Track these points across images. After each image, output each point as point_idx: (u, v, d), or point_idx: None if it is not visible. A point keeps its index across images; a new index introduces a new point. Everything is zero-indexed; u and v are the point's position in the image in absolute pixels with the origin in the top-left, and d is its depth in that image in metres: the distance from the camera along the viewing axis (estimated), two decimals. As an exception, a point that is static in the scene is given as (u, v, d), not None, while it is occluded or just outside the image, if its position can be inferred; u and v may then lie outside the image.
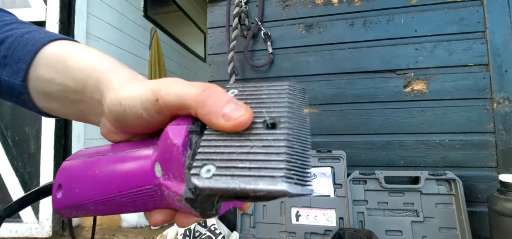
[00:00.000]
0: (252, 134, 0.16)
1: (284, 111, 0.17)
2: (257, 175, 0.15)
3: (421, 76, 1.08)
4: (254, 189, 0.14)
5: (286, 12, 1.23)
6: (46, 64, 0.24)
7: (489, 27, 1.03)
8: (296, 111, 0.18)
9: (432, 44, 1.08)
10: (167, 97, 0.19)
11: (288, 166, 0.14)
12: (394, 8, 1.12)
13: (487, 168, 1.01)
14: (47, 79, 0.24)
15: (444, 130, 1.05)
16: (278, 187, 0.14)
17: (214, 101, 0.17)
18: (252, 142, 0.16)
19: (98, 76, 0.22)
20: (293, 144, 0.16)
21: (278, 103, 0.18)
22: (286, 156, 0.15)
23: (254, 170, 0.15)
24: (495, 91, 1.02)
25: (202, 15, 4.17)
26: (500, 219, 0.78)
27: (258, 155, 0.15)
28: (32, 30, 0.25)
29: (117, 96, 0.21)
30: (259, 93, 0.19)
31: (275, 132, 0.16)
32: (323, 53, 1.18)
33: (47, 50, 0.24)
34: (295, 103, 0.18)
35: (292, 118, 0.17)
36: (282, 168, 0.14)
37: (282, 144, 0.15)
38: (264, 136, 0.16)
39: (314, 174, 1.04)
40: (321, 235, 1.00)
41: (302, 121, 0.17)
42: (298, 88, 0.19)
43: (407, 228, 0.97)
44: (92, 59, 0.23)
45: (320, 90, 1.16)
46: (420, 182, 0.99)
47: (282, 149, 0.15)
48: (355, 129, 1.12)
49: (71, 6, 1.72)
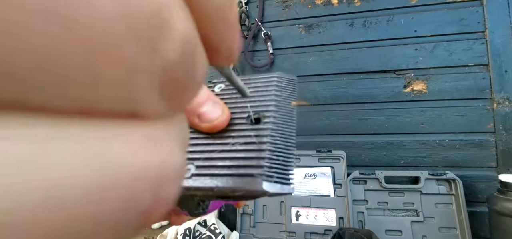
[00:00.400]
0: (235, 130, 0.16)
1: (270, 105, 0.17)
2: (236, 174, 0.14)
3: (421, 76, 1.08)
4: (232, 188, 0.14)
5: (286, 13, 1.23)
6: None
7: (489, 27, 1.04)
8: (282, 104, 0.17)
9: (432, 44, 1.08)
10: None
11: (268, 164, 0.14)
12: (394, 9, 1.12)
13: (487, 168, 1.01)
14: None
15: (444, 130, 1.05)
16: (256, 186, 0.13)
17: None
18: (234, 139, 0.16)
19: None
20: (276, 139, 0.15)
21: (265, 97, 0.17)
22: (267, 153, 0.14)
23: (233, 169, 0.14)
24: (495, 91, 1.02)
25: (202, 16, 4.17)
26: (500, 219, 0.78)
27: (239, 152, 0.15)
28: None
29: None
30: (247, 86, 0.18)
31: (259, 127, 0.16)
32: (323, 53, 1.18)
33: None
34: (282, 96, 0.17)
35: (277, 112, 0.16)
36: (262, 166, 0.14)
37: (264, 140, 0.15)
38: (247, 132, 0.16)
39: (314, 174, 1.04)
40: (321, 234, 1.00)
41: (289, 114, 0.17)
42: (287, 79, 0.18)
43: (407, 228, 0.97)
44: None
45: (320, 90, 1.17)
46: (420, 182, 0.99)
47: (264, 146, 0.15)
48: (355, 129, 1.12)
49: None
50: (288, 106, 0.17)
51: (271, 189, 0.13)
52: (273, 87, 0.18)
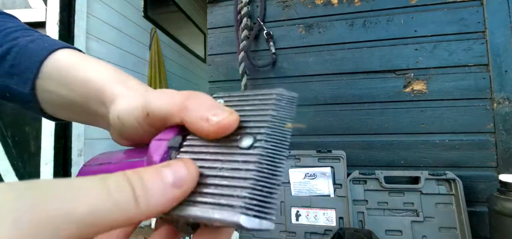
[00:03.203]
0: (225, 153, 0.16)
1: (264, 126, 0.16)
2: (216, 203, 0.14)
3: (421, 76, 1.08)
4: (209, 219, 0.13)
5: (286, 13, 1.23)
6: (50, 76, 0.24)
7: (489, 27, 1.04)
8: (277, 126, 0.16)
9: (432, 44, 1.08)
10: (156, 110, 0.19)
11: (250, 195, 0.13)
12: (394, 8, 1.12)
13: (487, 168, 1.01)
14: (53, 91, 0.24)
15: (444, 130, 1.05)
16: (233, 218, 0.13)
17: (197, 105, 0.17)
18: (222, 163, 0.15)
19: (99, 90, 0.22)
20: (264, 167, 0.14)
21: (260, 116, 0.17)
22: (252, 182, 0.14)
23: (216, 197, 0.14)
24: (495, 91, 1.02)
25: (202, 15, 4.17)
26: (500, 219, 0.78)
27: (224, 179, 0.14)
28: (36, 39, 0.25)
29: (115, 111, 0.21)
30: (244, 103, 0.18)
31: (248, 152, 0.15)
32: (323, 53, 1.18)
33: (51, 61, 0.24)
34: (279, 116, 0.17)
35: (270, 135, 0.16)
36: (243, 197, 0.13)
37: (251, 167, 0.14)
38: (236, 157, 0.15)
39: (314, 174, 1.04)
40: (321, 234, 1.00)
41: (282, 138, 0.16)
42: (287, 96, 0.18)
43: (407, 228, 0.97)
44: (92, 72, 0.23)
45: (320, 90, 1.17)
46: (420, 182, 0.99)
47: (250, 174, 0.14)
48: (355, 129, 1.12)
49: (71, 6, 1.72)
50: (283, 128, 0.17)
51: (248, 224, 0.13)
52: (270, 107, 0.17)
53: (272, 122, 0.16)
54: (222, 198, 0.14)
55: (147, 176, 0.14)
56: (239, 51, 1.19)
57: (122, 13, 2.31)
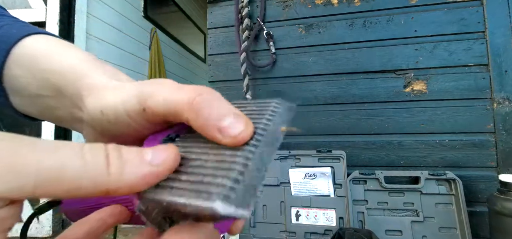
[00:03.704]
0: (214, 148, 0.15)
1: (258, 127, 0.16)
2: (194, 189, 0.13)
3: (421, 76, 1.08)
4: (184, 204, 0.13)
5: (286, 13, 1.23)
6: (19, 65, 0.21)
7: (489, 27, 1.04)
8: (271, 128, 0.16)
9: (432, 44, 1.08)
10: (155, 106, 0.17)
11: (231, 185, 0.13)
12: (394, 8, 1.12)
13: (487, 168, 1.01)
14: (22, 83, 0.21)
15: (444, 130, 1.05)
16: (207, 204, 0.12)
17: (210, 111, 0.15)
18: (209, 155, 0.15)
19: (75, 79, 0.19)
20: (249, 162, 0.14)
21: (255, 121, 0.16)
22: (235, 173, 0.13)
23: (195, 184, 0.14)
24: (495, 91, 1.02)
25: (202, 15, 4.17)
26: (500, 219, 0.78)
27: (208, 169, 0.14)
28: (5, 24, 0.23)
29: (97, 104, 0.18)
30: (243, 110, 0.18)
31: (237, 148, 0.15)
32: (323, 53, 1.18)
33: (20, 48, 0.21)
34: (274, 121, 0.17)
35: (261, 135, 0.16)
36: (224, 185, 0.13)
37: (237, 159, 0.14)
38: (223, 151, 0.15)
39: (314, 174, 1.04)
40: (321, 234, 1.00)
41: (273, 140, 0.16)
42: (286, 106, 0.18)
43: (407, 228, 0.97)
44: (69, 60, 0.20)
45: (320, 90, 1.17)
46: (420, 182, 0.99)
47: (234, 165, 0.14)
48: (355, 129, 1.12)
49: (71, 6, 1.72)
50: (276, 132, 0.16)
51: (223, 210, 0.12)
52: (268, 112, 0.17)
53: (266, 124, 0.16)
54: (201, 185, 0.13)
55: (125, 149, 0.14)
56: (241, 52, 1.19)
57: (122, 13, 2.31)
